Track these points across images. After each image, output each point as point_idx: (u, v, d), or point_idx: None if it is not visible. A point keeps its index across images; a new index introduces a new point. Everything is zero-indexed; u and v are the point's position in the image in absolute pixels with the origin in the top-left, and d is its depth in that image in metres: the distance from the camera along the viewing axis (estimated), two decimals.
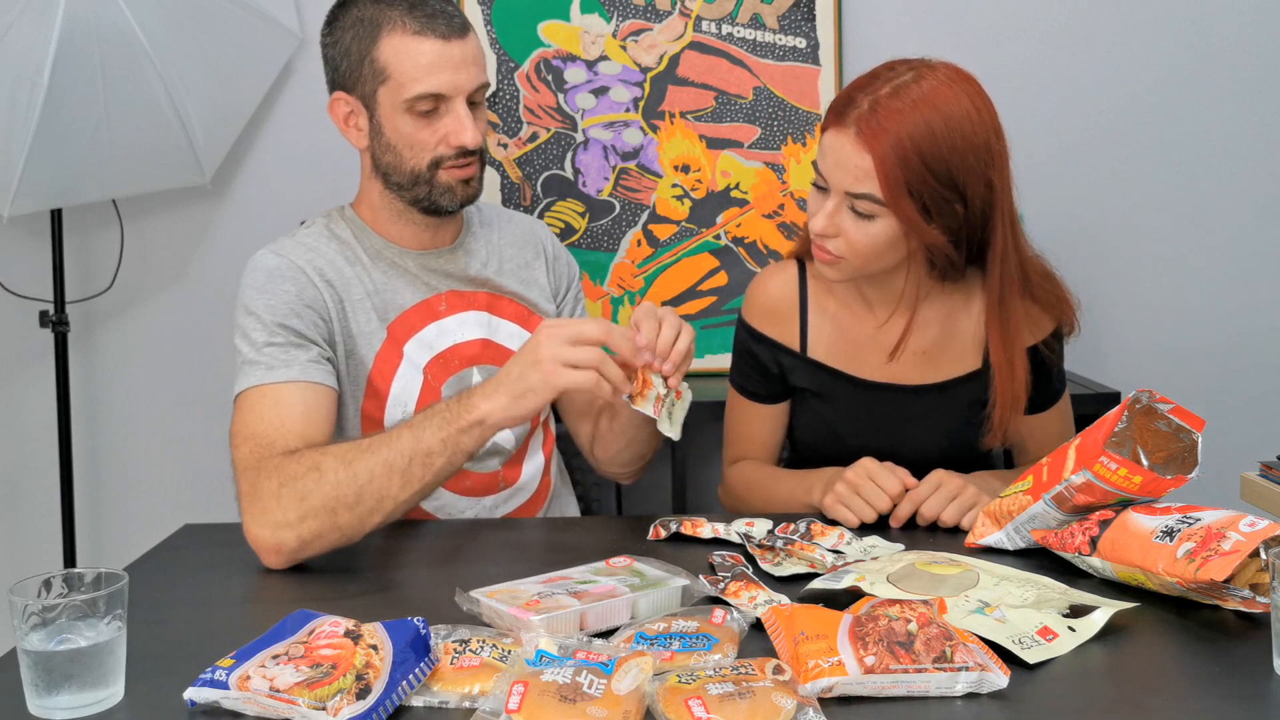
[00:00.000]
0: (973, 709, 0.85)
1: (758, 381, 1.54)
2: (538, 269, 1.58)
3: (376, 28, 1.37)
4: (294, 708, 0.82)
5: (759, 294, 1.54)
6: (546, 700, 0.81)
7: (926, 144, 1.27)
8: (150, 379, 2.38)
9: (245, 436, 1.30)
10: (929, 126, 1.28)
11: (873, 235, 1.33)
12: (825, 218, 1.34)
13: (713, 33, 2.29)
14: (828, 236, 1.35)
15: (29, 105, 1.92)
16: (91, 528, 2.39)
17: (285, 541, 1.20)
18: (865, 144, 1.28)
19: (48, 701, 0.85)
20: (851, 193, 1.31)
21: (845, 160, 1.30)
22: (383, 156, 1.43)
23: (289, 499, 1.20)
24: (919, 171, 1.28)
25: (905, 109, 1.28)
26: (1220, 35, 2.34)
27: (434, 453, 1.22)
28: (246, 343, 1.37)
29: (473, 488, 1.51)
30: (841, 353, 1.50)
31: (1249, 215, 2.37)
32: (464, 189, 1.43)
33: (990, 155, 1.33)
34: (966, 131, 1.30)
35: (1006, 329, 1.40)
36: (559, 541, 1.36)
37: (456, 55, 1.37)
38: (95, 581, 0.90)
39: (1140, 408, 1.17)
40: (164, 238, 2.35)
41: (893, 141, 1.27)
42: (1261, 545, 0.97)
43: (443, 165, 1.40)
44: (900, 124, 1.27)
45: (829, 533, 1.27)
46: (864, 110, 1.29)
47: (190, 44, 2.06)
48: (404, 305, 1.46)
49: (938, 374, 1.48)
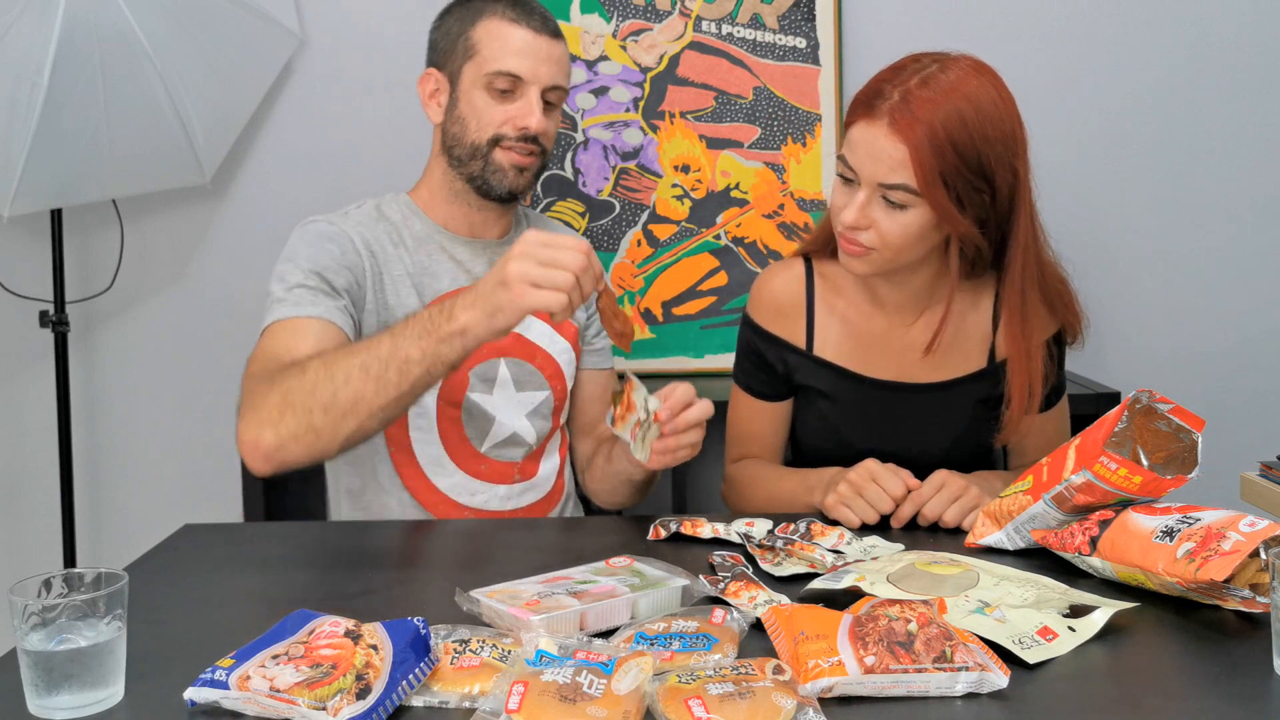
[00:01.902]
0: (973, 709, 0.85)
1: (763, 380, 1.54)
2: None
3: (479, 13, 1.50)
4: (294, 708, 0.82)
5: (765, 291, 1.54)
6: (546, 700, 0.81)
7: (959, 133, 1.28)
8: (150, 379, 2.38)
9: (257, 359, 1.35)
10: (960, 115, 1.28)
11: (906, 225, 1.32)
12: (857, 210, 1.33)
13: (713, 33, 2.29)
14: (859, 229, 1.34)
15: (29, 105, 1.92)
16: (91, 528, 2.39)
17: (264, 438, 1.22)
18: (899, 134, 1.28)
19: (48, 701, 0.85)
20: (885, 184, 1.30)
21: (878, 151, 1.29)
22: (451, 128, 1.52)
23: (273, 396, 1.24)
24: (952, 160, 1.28)
25: (937, 98, 1.28)
26: (1220, 35, 2.34)
27: (412, 360, 1.22)
28: (280, 284, 1.42)
29: (487, 473, 1.53)
30: (849, 351, 1.49)
31: (1249, 215, 2.37)
32: (516, 175, 1.50)
33: (1015, 143, 1.34)
34: (994, 120, 1.30)
35: (1027, 322, 1.40)
36: (559, 541, 1.36)
37: (543, 49, 1.48)
38: (95, 581, 0.90)
39: (1140, 408, 1.17)
40: (164, 238, 2.35)
41: (927, 131, 1.27)
42: (1261, 545, 0.97)
43: (501, 144, 1.48)
44: (933, 113, 1.27)
45: (829, 533, 1.27)
46: (895, 101, 1.29)
47: (190, 44, 2.06)
48: (441, 290, 1.51)
49: (944, 373, 1.48)
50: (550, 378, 1.58)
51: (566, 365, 1.60)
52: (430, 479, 1.51)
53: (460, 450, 1.52)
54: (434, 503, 1.51)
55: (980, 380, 1.48)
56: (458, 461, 1.51)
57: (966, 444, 1.49)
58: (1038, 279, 1.41)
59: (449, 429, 1.51)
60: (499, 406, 1.53)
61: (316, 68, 2.32)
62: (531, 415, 1.56)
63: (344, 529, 1.48)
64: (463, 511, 1.52)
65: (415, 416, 1.49)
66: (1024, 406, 1.41)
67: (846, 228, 1.35)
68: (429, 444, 1.51)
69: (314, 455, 1.25)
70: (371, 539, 1.37)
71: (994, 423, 1.47)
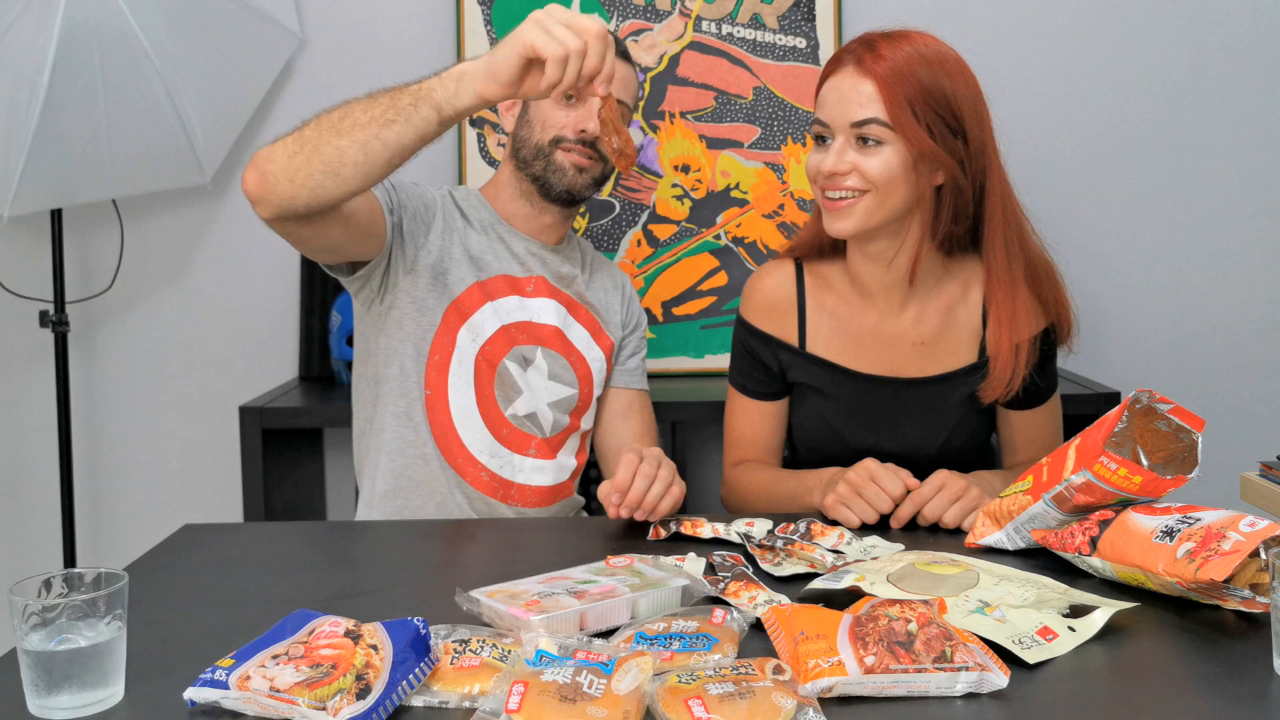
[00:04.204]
0: (973, 709, 0.85)
1: (758, 379, 1.55)
2: (615, 299, 1.74)
3: None
4: (294, 708, 0.82)
5: (756, 291, 1.55)
6: (546, 700, 0.81)
7: (921, 68, 1.36)
8: (150, 379, 2.38)
9: None
10: (923, 55, 1.37)
11: (886, 160, 1.36)
12: (835, 156, 1.37)
13: (713, 33, 2.29)
14: (839, 174, 1.38)
15: (29, 105, 1.92)
16: (91, 528, 2.39)
17: (259, 157, 1.30)
18: (865, 72, 1.36)
19: (48, 701, 0.85)
20: (856, 121, 1.36)
21: (846, 93, 1.37)
22: (520, 131, 1.63)
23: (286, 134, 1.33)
24: (919, 92, 1.35)
25: (900, 42, 1.38)
26: (1220, 35, 2.34)
27: (404, 91, 1.28)
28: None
29: (509, 437, 1.60)
30: (840, 347, 1.50)
31: (1249, 215, 2.37)
32: (575, 174, 1.59)
33: (979, 99, 1.40)
34: (958, 68, 1.39)
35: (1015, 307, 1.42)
36: (559, 541, 1.36)
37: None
38: (95, 581, 0.90)
39: (1140, 408, 1.17)
40: (164, 238, 2.35)
41: (890, 66, 1.35)
42: (1261, 545, 0.97)
43: (562, 145, 1.57)
44: (896, 52, 1.36)
45: (829, 533, 1.27)
46: (859, 49, 1.39)
47: (190, 44, 2.06)
48: (495, 272, 1.61)
49: (936, 366, 1.49)
50: (581, 379, 1.66)
51: (598, 372, 1.68)
52: (458, 432, 1.58)
53: (488, 407, 1.59)
54: (456, 455, 1.58)
55: (972, 374, 1.49)
56: (484, 417, 1.59)
57: (961, 438, 1.50)
58: (1024, 262, 1.43)
59: (483, 384, 1.58)
60: (529, 384, 1.61)
61: (316, 68, 2.32)
62: (554, 405, 1.63)
63: (344, 529, 1.48)
64: (479, 470, 1.58)
65: (456, 365, 1.57)
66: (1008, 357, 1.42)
67: (828, 177, 1.39)
68: (464, 394, 1.58)
69: (300, 177, 1.28)
70: (372, 539, 1.37)
71: (987, 418, 1.48)
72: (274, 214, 1.32)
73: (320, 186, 1.29)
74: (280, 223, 1.34)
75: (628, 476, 1.29)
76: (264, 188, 1.30)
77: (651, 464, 1.30)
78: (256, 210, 1.33)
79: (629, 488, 1.28)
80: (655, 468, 1.30)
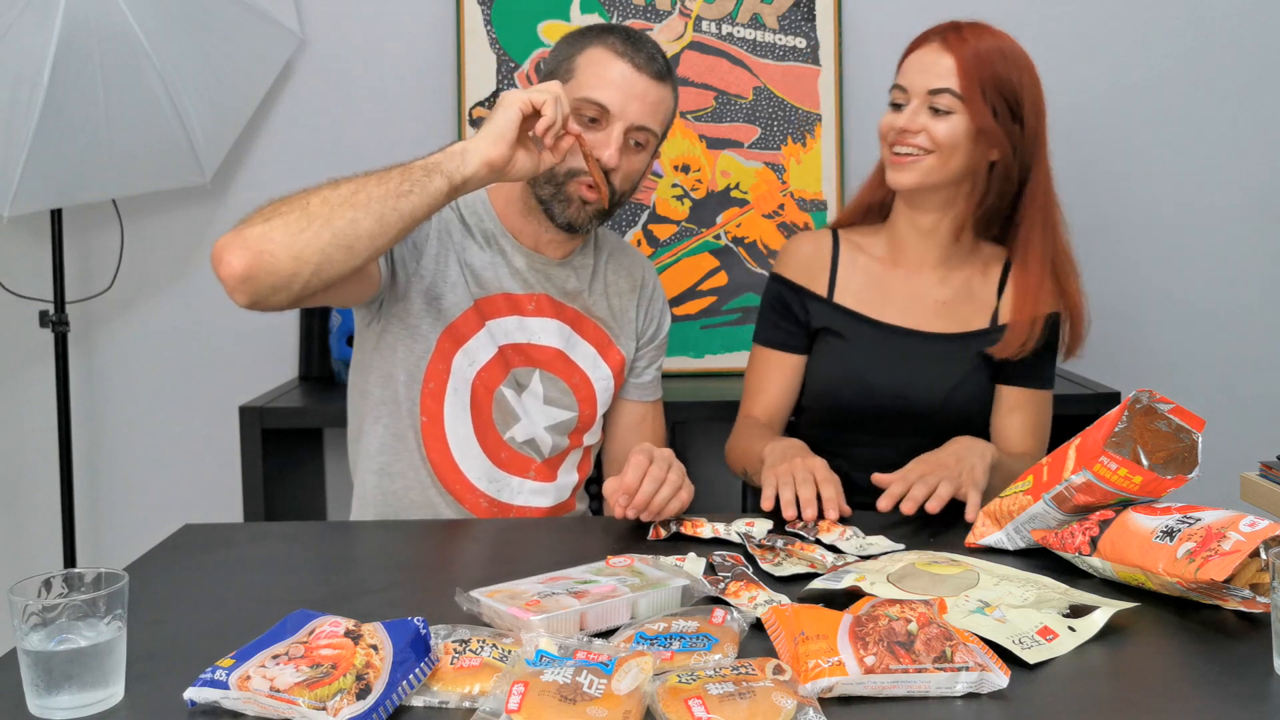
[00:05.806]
0: (973, 709, 0.85)
1: (784, 330, 1.67)
2: (630, 302, 1.66)
3: (590, 40, 1.51)
4: (294, 708, 0.82)
5: (795, 249, 1.70)
6: (546, 700, 0.81)
7: (997, 58, 1.53)
8: (150, 379, 2.38)
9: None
10: (1000, 48, 1.54)
11: (952, 127, 1.52)
12: (909, 115, 1.53)
13: (713, 33, 2.29)
14: (910, 131, 1.53)
15: (29, 105, 1.92)
16: (91, 528, 2.39)
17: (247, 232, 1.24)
18: (948, 49, 1.53)
19: (48, 701, 0.85)
20: (933, 89, 1.52)
21: (929, 64, 1.53)
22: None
23: (263, 210, 1.27)
24: (991, 76, 1.51)
25: (982, 32, 1.55)
26: (1221, 33, 2.34)
27: (411, 166, 1.29)
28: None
29: (507, 461, 1.56)
30: (867, 300, 1.64)
31: (1249, 214, 2.37)
32: (580, 207, 1.49)
33: (1040, 96, 1.57)
34: (1027, 65, 1.56)
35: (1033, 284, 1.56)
36: (559, 541, 1.36)
37: (639, 87, 1.47)
38: (95, 581, 0.90)
39: (1140, 408, 1.17)
40: (164, 238, 2.35)
41: (971, 49, 1.52)
42: (1261, 545, 0.97)
43: (576, 177, 1.47)
44: (978, 39, 1.53)
45: (831, 529, 1.27)
46: (946, 28, 1.55)
47: (190, 44, 2.06)
48: (494, 290, 1.54)
49: (952, 325, 1.62)
50: (582, 400, 1.60)
51: (603, 391, 1.63)
52: (455, 458, 1.54)
53: (486, 434, 1.55)
54: (453, 483, 1.54)
55: (981, 338, 1.61)
56: (482, 444, 1.55)
57: (965, 392, 1.60)
58: (1052, 248, 1.58)
59: (480, 409, 1.54)
60: (525, 409, 1.56)
61: (317, 68, 2.32)
62: (551, 429, 1.58)
63: (344, 529, 1.48)
64: (478, 496, 1.54)
65: (452, 393, 1.52)
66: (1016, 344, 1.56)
67: (899, 133, 1.54)
68: (461, 422, 1.54)
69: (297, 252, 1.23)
70: (372, 539, 1.37)
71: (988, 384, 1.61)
72: (264, 295, 1.24)
73: (328, 260, 1.24)
74: (261, 303, 1.26)
75: (636, 478, 1.28)
76: (258, 267, 1.22)
77: (661, 466, 1.30)
78: (235, 294, 1.24)
79: (637, 489, 1.28)
80: (665, 470, 1.30)
